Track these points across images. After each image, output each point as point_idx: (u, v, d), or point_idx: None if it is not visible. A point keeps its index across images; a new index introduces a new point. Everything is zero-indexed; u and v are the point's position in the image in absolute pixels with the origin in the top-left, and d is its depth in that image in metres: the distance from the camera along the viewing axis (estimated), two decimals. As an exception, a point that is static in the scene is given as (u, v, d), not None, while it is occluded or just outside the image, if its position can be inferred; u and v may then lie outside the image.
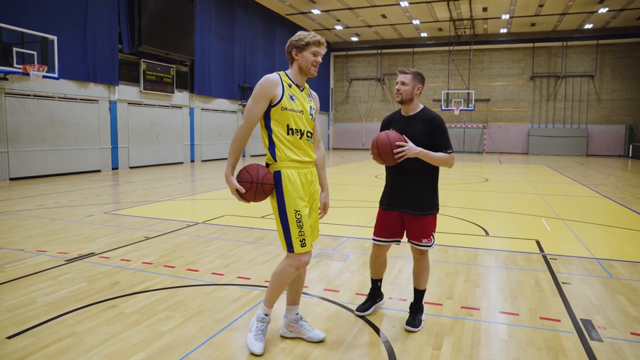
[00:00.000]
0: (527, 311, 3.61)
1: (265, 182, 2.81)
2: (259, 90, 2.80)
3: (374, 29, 28.53)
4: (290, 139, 2.84)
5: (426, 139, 3.16)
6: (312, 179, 2.96)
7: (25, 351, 2.91)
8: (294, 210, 2.81)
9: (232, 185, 2.79)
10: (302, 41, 2.87)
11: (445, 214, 7.80)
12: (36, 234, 6.07)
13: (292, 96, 2.86)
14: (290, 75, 2.93)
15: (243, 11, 22.53)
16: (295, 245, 2.84)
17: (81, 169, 14.25)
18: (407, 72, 3.26)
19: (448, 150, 3.16)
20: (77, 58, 13.70)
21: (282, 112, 2.81)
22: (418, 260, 3.35)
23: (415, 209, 3.22)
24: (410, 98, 3.26)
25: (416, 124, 3.22)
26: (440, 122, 3.20)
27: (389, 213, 3.36)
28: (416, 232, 3.25)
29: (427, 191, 3.25)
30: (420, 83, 3.28)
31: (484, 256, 5.22)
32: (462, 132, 30.80)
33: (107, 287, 4.08)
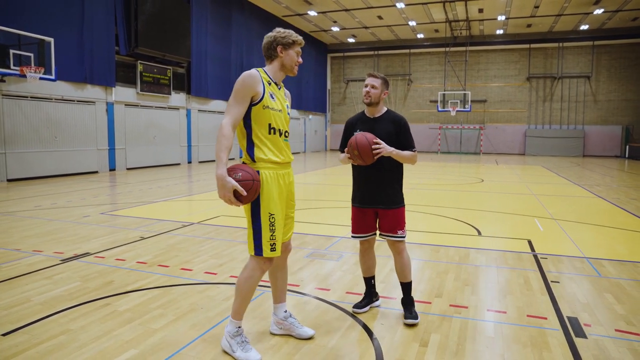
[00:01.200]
0: (515, 309, 3.67)
1: (259, 179, 2.73)
2: (242, 86, 2.70)
3: (370, 30, 28.63)
4: (271, 138, 2.79)
5: (393, 139, 3.35)
6: (290, 181, 2.95)
7: (19, 348, 2.96)
8: (268, 213, 2.76)
9: (231, 186, 2.56)
10: (289, 38, 2.83)
11: (438, 214, 7.87)
12: (32, 234, 6.11)
13: (272, 94, 2.81)
14: (270, 73, 2.86)
15: (239, 12, 22.60)
16: (265, 248, 2.77)
17: (78, 170, 14.28)
18: (377, 76, 3.45)
19: (413, 148, 3.39)
20: (74, 60, 13.74)
21: (264, 111, 2.75)
22: (398, 252, 3.46)
23: (389, 204, 3.39)
24: (378, 101, 3.43)
25: (383, 125, 3.39)
26: (405, 123, 3.42)
27: (364, 210, 3.48)
28: (391, 225, 3.39)
29: (396, 186, 3.44)
30: (386, 88, 3.50)
31: (475, 255, 5.28)
32: (458, 133, 30.92)
33: (101, 286, 4.13)
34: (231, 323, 2.87)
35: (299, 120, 30.67)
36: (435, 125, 31.43)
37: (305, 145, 31.77)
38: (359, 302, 3.62)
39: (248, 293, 2.85)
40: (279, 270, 3.12)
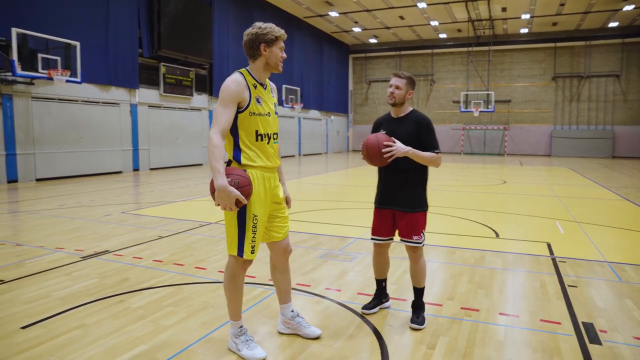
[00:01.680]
0: (528, 313, 3.60)
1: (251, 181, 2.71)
2: (227, 94, 2.63)
3: (392, 30, 28.47)
4: (258, 145, 2.74)
5: (415, 140, 3.27)
6: (275, 184, 2.91)
7: (36, 341, 3.06)
8: (252, 214, 2.73)
9: (234, 195, 2.52)
10: (271, 34, 2.71)
11: (456, 216, 7.78)
12: (56, 232, 6.30)
13: (259, 98, 2.75)
14: (254, 74, 2.78)
15: (261, 14, 22.77)
16: (246, 250, 2.75)
17: (103, 170, 14.64)
18: (402, 76, 3.35)
19: (436, 150, 3.27)
20: (100, 62, 14.09)
21: (250, 118, 2.69)
22: (413, 258, 3.41)
23: (405, 206, 3.32)
24: (402, 101, 3.36)
25: (405, 125, 3.33)
26: (428, 124, 3.31)
27: (382, 211, 3.44)
28: (406, 229, 3.33)
29: (417, 189, 3.36)
30: (412, 88, 3.40)
31: (490, 258, 5.20)
32: (482, 134, 30.44)
33: (117, 283, 4.23)
34: (232, 325, 2.91)
35: (321, 121, 30.72)
36: (458, 126, 31.04)
37: (327, 146, 31.79)
38: (368, 303, 3.61)
39: (235, 293, 2.85)
40: (279, 272, 3.10)
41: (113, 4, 14.36)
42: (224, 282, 2.89)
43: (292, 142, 27.18)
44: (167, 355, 2.88)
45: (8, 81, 11.27)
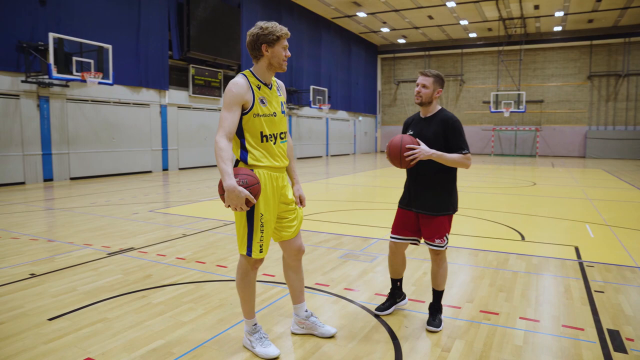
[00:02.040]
0: (550, 318, 3.50)
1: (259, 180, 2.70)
2: (231, 97, 2.63)
3: (421, 30, 28.17)
4: (264, 145, 2.74)
5: (441, 140, 3.20)
6: (282, 184, 2.88)
7: (61, 332, 3.18)
8: (260, 213, 2.73)
9: (244, 195, 2.52)
10: (272, 34, 2.68)
11: (482, 218, 7.63)
12: (85, 229, 6.52)
13: (263, 99, 2.74)
14: (258, 74, 2.77)
15: (289, 16, 22.93)
16: (254, 250, 2.77)
17: (134, 170, 15.04)
18: (429, 75, 3.28)
19: (463, 151, 3.17)
20: (131, 65, 14.49)
21: (255, 119, 2.69)
22: (435, 261, 3.36)
23: (429, 209, 3.26)
24: (430, 100, 3.29)
25: (432, 126, 3.26)
26: (454, 123, 3.22)
27: (406, 212, 3.40)
28: (429, 232, 3.27)
29: (443, 192, 3.27)
30: (440, 86, 3.30)
31: (514, 261, 5.08)
32: (513, 135, 29.76)
33: (140, 279, 4.34)
34: (246, 323, 2.94)
35: (349, 121, 30.69)
36: (489, 126, 30.43)
37: (355, 147, 31.73)
38: (382, 303, 3.58)
39: (247, 292, 2.88)
40: (293, 271, 3.10)
41: (144, 8, 14.74)
42: (236, 281, 2.92)
43: (319, 142, 27.25)
44: (183, 350, 2.94)
45: (45, 84, 11.72)
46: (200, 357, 2.85)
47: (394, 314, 3.57)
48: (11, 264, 4.82)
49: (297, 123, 24.50)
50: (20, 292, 3.99)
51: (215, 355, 2.88)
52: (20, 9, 11.30)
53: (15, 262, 4.91)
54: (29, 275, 4.45)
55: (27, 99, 11.73)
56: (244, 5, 19.55)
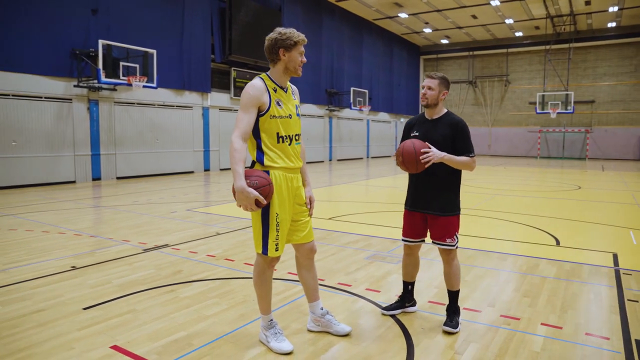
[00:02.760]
0: (573, 325, 3.40)
1: (271, 182, 2.79)
2: (247, 99, 2.73)
3: (464, 30, 27.60)
4: (280, 147, 2.82)
5: (449, 143, 3.24)
6: (297, 185, 2.96)
7: (93, 320, 3.41)
8: (275, 213, 2.81)
9: (253, 196, 2.61)
10: (290, 40, 2.77)
11: (518, 222, 7.43)
12: (125, 226, 6.87)
13: (279, 102, 2.82)
14: (274, 78, 2.86)
15: (330, 18, 23.08)
16: (270, 248, 2.84)
17: (176, 170, 15.61)
18: (434, 77, 3.32)
19: (470, 154, 3.21)
20: (174, 68, 15.07)
21: (271, 121, 2.78)
22: (447, 261, 3.36)
23: (438, 210, 3.29)
24: (436, 102, 3.32)
25: (440, 128, 3.29)
26: (463, 127, 3.26)
27: (413, 214, 3.42)
28: (440, 233, 3.29)
29: (450, 193, 3.31)
30: (446, 88, 3.35)
31: (545, 266, 4.94)
32: (561, 137, 28.58)
33: (170, 275, 4.55)
34: (262, 319, 3.04)
35: (390, 123, 30.50)
36: (535, 128, 29.39)
37: (396, 149, 31.45)
38: (390, 304, 3.60)
39: (264, 289, 2.97)
40: (305, 270, 3.17)
41: (188, 14, 15.29)
42: (253, 278, 3.02)
43: (360, 144, 27.24)
44: (202, 342, 3.08)
45: (95, 88, 12.40)
46: (218, 349, 2.98)
47: (410, 315, 3.57)
48: (56, 257, 5.17)
49: (337, 125, 24.59)
50: (61, 282, 4.29)
51: (232, 348, 3.00)
52: (74, 18, 12.03)
53: (60, 255, 5.26)
54: (70, 267, 4.76)
55: (78, 102, 12.45)
56: (285, 8, 19.87)
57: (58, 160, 12.10)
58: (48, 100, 11.81)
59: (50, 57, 11.63)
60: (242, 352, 2.95)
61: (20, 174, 11.34)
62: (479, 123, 31.66)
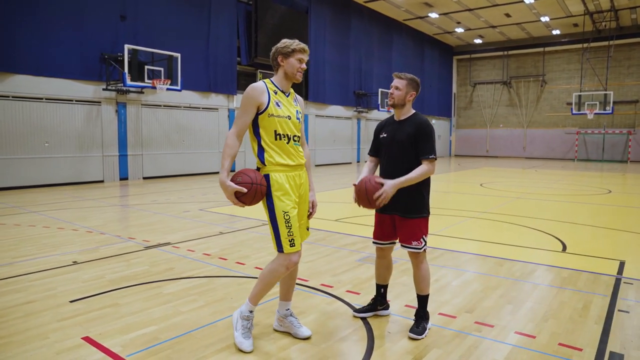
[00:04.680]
0: (549, 335, 3.28)
1: (262, 183, 2.91)
2: (247, 99, 2.92)
3: (498, 29, 26.88)
4: (278, 144, 2.96)
5: (414, 142, 3.22)
6: (300, 182, 3.07)
7: (75, 313, 3.58)
8: (282, 211, 2.93)
9: (232, 188, 2.81)
10: (287, 48, 2.99)
11: (528, 226, 7.19)
12: (135, 224, 7.12)
13: (278, 103, 2.98)
14: (276, 82, 3.05)
15: (359, 19, 23.03)
16: (284, 245, 2.94)
17: (201, 171, 15.99)
18: (402, 77, 3.31)
19: (429, 155, 3.17)
20: (200, 71, 15.45)
21: (270, 119, 2.93)
22: (414, 265, 3.32)
23: (405, 212, 3.26)
24: (402, 103, 3.30)
25: (405, 128, 3.28)
26: (425, 128, 3.23)
27: (382, 216, 3.41)
28: (406, 235, 3.26)
29: (416, 195, 3.26)
30: (414, 90, 3.31)
31: (541, 273, 4.78)
32: (600, 139, 27.32)
33: (162, 272, 4.69)
34: (247, 305, 3.07)
35: (419, 124, 30.03)
36: (573, 129, 28.23)
37: (425, 151, 30.99)
38: (363, 306, 3.59)
39: (269, 284, 3.02)
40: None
41: (214, 18, 15.66)
42: (264, 270, 3.06)
43: (388, 146, 26.99)
44: (169, 336, 3.18)
45: (123, 91, 12.91)
46: (181, 344, 3.07)
47: (383, 319, 3.55)
48: (62, 252, 5.43)
49: (365, 126, 24.51)
50: (58, 276, 4.51)
51: (194, 343, 3.08)
52: (103, 24, 12.57)
53: (66, 250, 5.53)
54: (71, 262, 5.00)
55: (107, 105, 12.99)
56: (312, 10, 19.99)
57: (87, 161, 12.67)
58: (78, 103, 12.39)
59: (81, 62, 12.20)
60: (202, 348, 3.02)
61: (52, 174, 11.95)
62: (513, 124, 30.74)
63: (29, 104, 11.44)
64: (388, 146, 3.33)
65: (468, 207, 9.19)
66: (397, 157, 3.26)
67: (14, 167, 11.27)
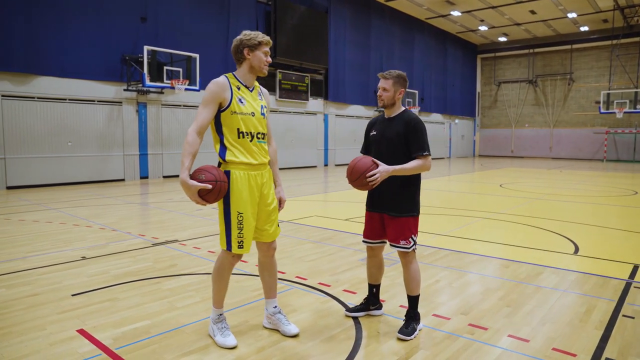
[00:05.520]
0: (544, 339, 3.19)
1: (224, 180, 2.85)
2: (208, 95, 2.84)
3: (523, 26, 26.29)
4: (241, 142, 2.89)
5: (403, 140, 3.18)
6: (262, 182, 3.01)
7: (75, 306, 3.68)
8: (237, 211, 2.88)
9: (195, 187, 2.69)
10: (254, 40, 2.90)
11: (540, 227, 7.01)
12: (148, 222, 7.27)
13: (241, 99, 2.90)
14: (239, 76, 2.96)
15: (379, 18, 22.90)
16: (233, 245, 2.92)
17: (221, 169, 16.16)
18: (388, 77, 3.27)
19: (422, 152, 3.12)
20: (219, 71, 15.58)
21: (232, 116, 2.85)
22: (404, 264, 3.28)
23: (393, 210, 3.22)
24: (392, 102, 3.28)
25: (395, 126, 3.25)
26: (416, 124, 3.17)
27: (372, 215, 3.39)
28: (394, 234, 3.22)
29: (406, 193, 3.22)
30: (401, 87, 3.28)
31: (547, 275, 4.65)
32: (632, 139, 26.38)
33: (164, 268, 4.78)
34: (213, 311, 3.11)
35: (444, 124, 29.73)
36: (602, 129, 27.36)
37: (450, 151, 30.64)
38: (356, 306, 3.56)
39: (220, 283, 3.05)
40: (265, 269, 3.23)
41: (233, 18, 15.83)
42: (212, 272, 3.12)
43: (409, 146, 26.74)
44: (159, 331, 3.23)
45: (143, 91, 13.19)
46: (169, 339, 3.12)
47: (375, 319, 3.52)
48: (73, 248, 5.59)
49: (385, 126, 24.30)
50: (65, 270, 4.65)
51: (182, 339, 3.12)
52: (125, 26, 12.88)
53: (77, 246, 5.69)
54: (80, 257, 5.14)
55: (128, 105, 13.30)
56: (332, 10, 19.98)
57: (108, 160, 13.00)
58: (100, 103, 12.73)
59: (103, 63, 12.53)
60: (189, 343, 3.06)
61: (74, 172, 12.31)
62: (539, 124, 30.01)
63: (52, 105, 11.82)
64: (377, 144, 3.30)
65: (482, 208, 9.02)
66: (386, 154, 3.23)
67: (38, 165, 11.66)
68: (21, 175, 11.41)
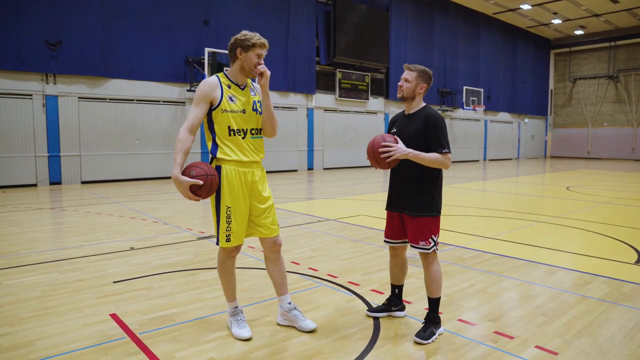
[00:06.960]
0: (575, 353, 2.95)
1: (215, 174, 2.87)
2: (198, 94, 2.90)
3: (603, 17, 24.39)
4: (233, 139, 2.94)
5: (422, 137, 3.07)
6: (252, 179, 3.02)
7: (114, 292, 3.93)
8: (226, 206, 2.95)
9: (186, 182, 2.73)
10: (248, 41, 2.92)
11: (603, 233, 6.47)
12: (197, 217, 7.58)
13: (232, 97, 2.94)
14: (230, 75, 3.00)
15: (443, 15, 22.26)
16: (220, 238, 3.03)
17: (281, 169, 16.53)
18: (412, 69, 3.17)
19: (442, 149, 3.01)
20: (280, 71, 15.96)
21: (222, 115, 2.90)
22: (424, 265, 3.18)
23: (412, 210, 3.12)
24: (412, 96, 3.17)
25: (413, 122, 3.15)
26: (435, 121, 3.05)
27: (392, 215, 3.31)
28: (414, 234, 3.13)
29: (425, 192, 3.11)
30: (424, 82, 3.17)
31: (597, 285, 4.28)
32: None
33: (203, 261, 4.97)
34: (228, 305, 3.22)
35: (512, 124, 28.36)
36: (696, 129, 24.75)
37: (518, 151, 29.16)
38: (378, 306, 3.49)
39: (226, 277, 3.16)
40: (271, 263, 3.25)
41: (293, 19, 16.10)
42: (217, 267, 3.24)
43: (476, 146, 25.83)
44: (184, 319, 3.38)
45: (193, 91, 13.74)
46: (189, 328, 3.24)
47: (397, 320, 3.43)
48: (124, 239, 5.97)
49: (450, 125, 23.63)
50: (112, 260, 4.97)
51: (201, 329, 3.23)
52: (189, 30, 13.54)
53: (128, 237, 6.06)
54: (129, 248, 5.47)
55: (190, 105, 13.92)
56: (393, 8, 19.71)
57: (171, 157, 13.65)
58: (165, 104, 13.47)
59: (167, 66, 13.25)
60: (206, 334, 3.16)
61: (141, 169, 13.13)
62: (620, 123, 27.70)
63: (122, 105, 12.69)
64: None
65: (541, 211, 8.50)
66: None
67: (109, 162, 12.57)
68: (94, 171, 12.36)
